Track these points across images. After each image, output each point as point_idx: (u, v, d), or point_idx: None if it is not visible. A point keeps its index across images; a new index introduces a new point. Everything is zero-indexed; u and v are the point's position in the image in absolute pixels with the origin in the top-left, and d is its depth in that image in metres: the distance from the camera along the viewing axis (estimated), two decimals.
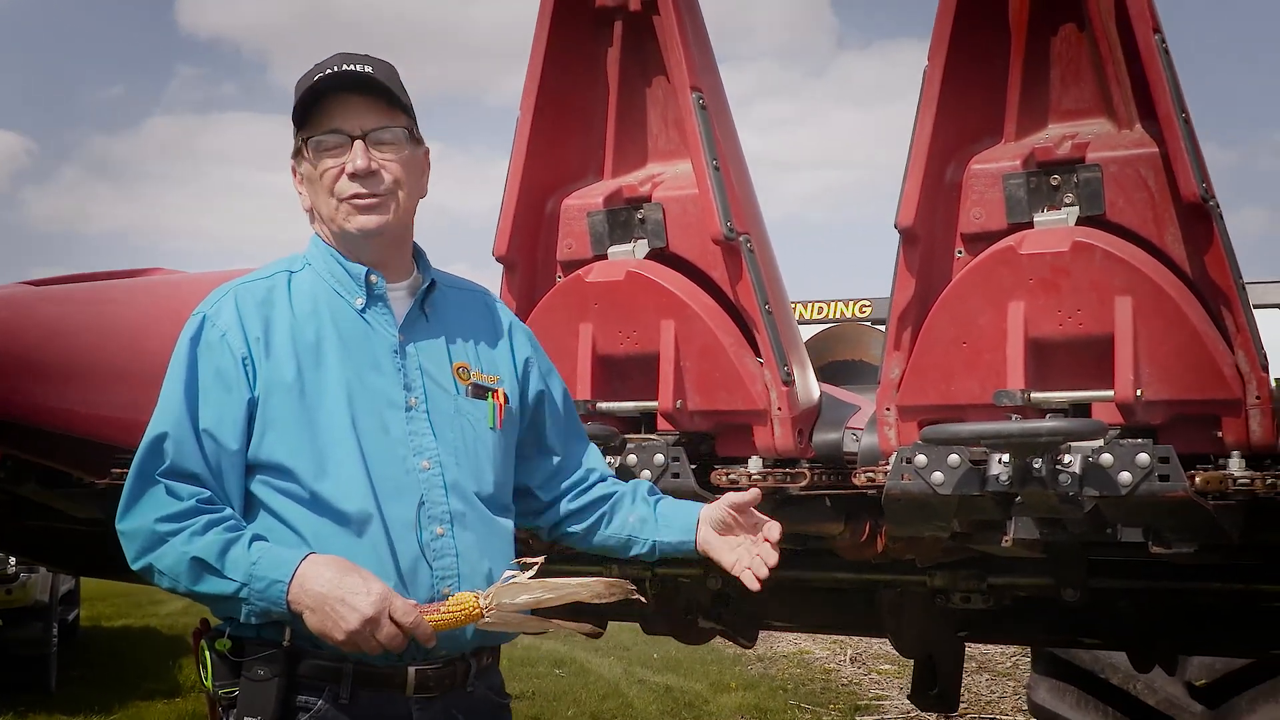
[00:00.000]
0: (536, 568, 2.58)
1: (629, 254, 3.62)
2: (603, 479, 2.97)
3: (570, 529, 2.94)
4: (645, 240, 3.64)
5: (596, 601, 2.60)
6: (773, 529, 2.80)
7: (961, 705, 10.63)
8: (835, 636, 12.53)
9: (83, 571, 6.99)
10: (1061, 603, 3.97)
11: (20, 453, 3.83)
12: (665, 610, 4.69)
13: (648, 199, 3.64)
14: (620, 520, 2.92)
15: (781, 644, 13.48)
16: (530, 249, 3.74)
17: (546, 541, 3.07)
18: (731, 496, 2.87)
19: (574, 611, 4.20)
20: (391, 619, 2.39)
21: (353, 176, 2.56)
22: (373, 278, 2.62)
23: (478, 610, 2.49)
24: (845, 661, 12.58)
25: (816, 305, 9.97)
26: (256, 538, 2.46)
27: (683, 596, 4.63)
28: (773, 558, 2.78)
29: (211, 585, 2.43)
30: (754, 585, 2.76)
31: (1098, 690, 6.07)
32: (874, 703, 10.70)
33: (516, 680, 11.04)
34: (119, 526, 2.51)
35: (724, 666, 12.19)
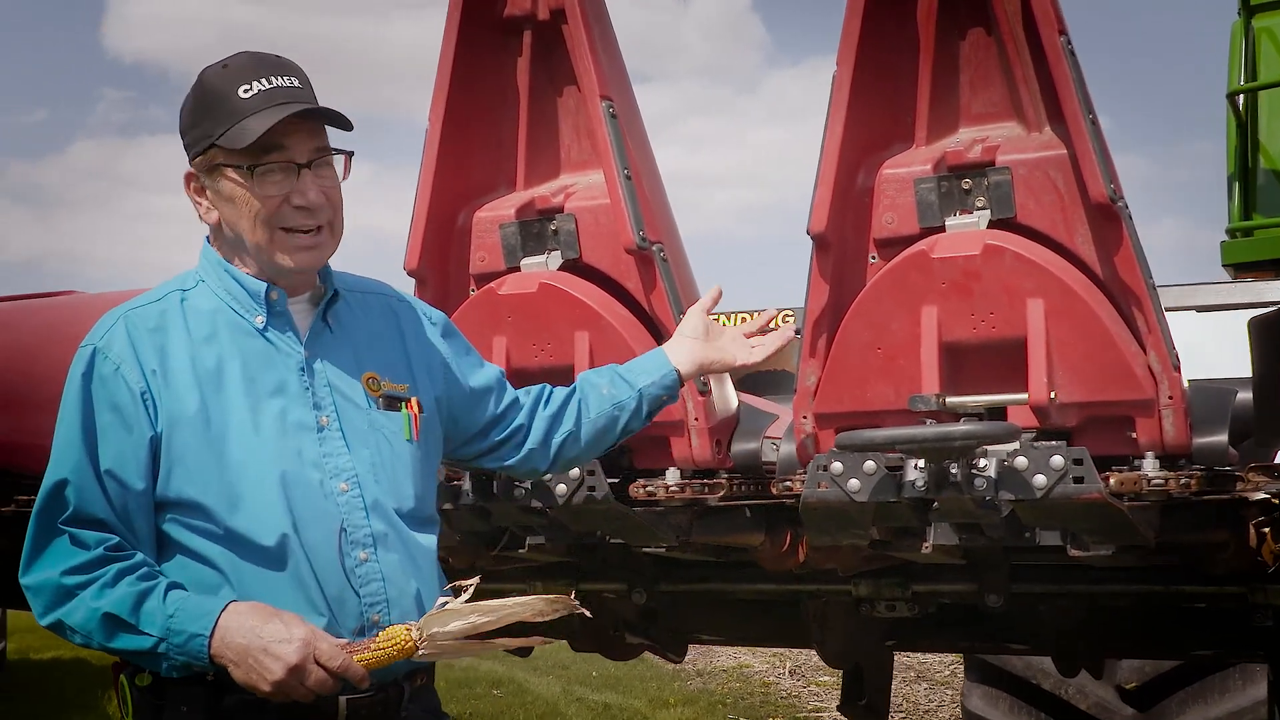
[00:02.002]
0: (471, 590, 2.47)
1: (542, 265, 3.58)
2: (552, 389, 2.91)
3: (561, 436, 2.84)
4: (559, 251, 3.60)
5: (538, 620, 2.49)
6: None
7: (899, 714, 10.65)
8: (775, 650, 12.50)
9: None
10: (986, 609, 3.96)
11: None
12: (591, 627, 4.64)
13: (560, 210, 3.60)
14: (596, 398, 2.86)
15: (721, 658, 13.43)
16: (442, 262, 3.69)
17: (551, 471, 2.94)
18: (701, 302, 3.01)
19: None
20: (318, 663, 2.29)
21: (299, 209, 2.43)
22: (273, 294, 2.48)
23: (410, 644, 2.37)
24: (784, 674, 12.54)
25: (739, 316, 9.95)
26: (172, 586, 2.33)
27: (609, 612, 4.58)
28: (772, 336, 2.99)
29: (127, 641, 2.31)
30: (766, 352, 2.97)
31: (1030, 696, 6.07)
32: (813, 715, 10.68)
33: (454, 702, 10.92)
34: (23, 581, 2.37)
35: (663, 682, 12.12)
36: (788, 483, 3.34)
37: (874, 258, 3.32)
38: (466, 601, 2.42)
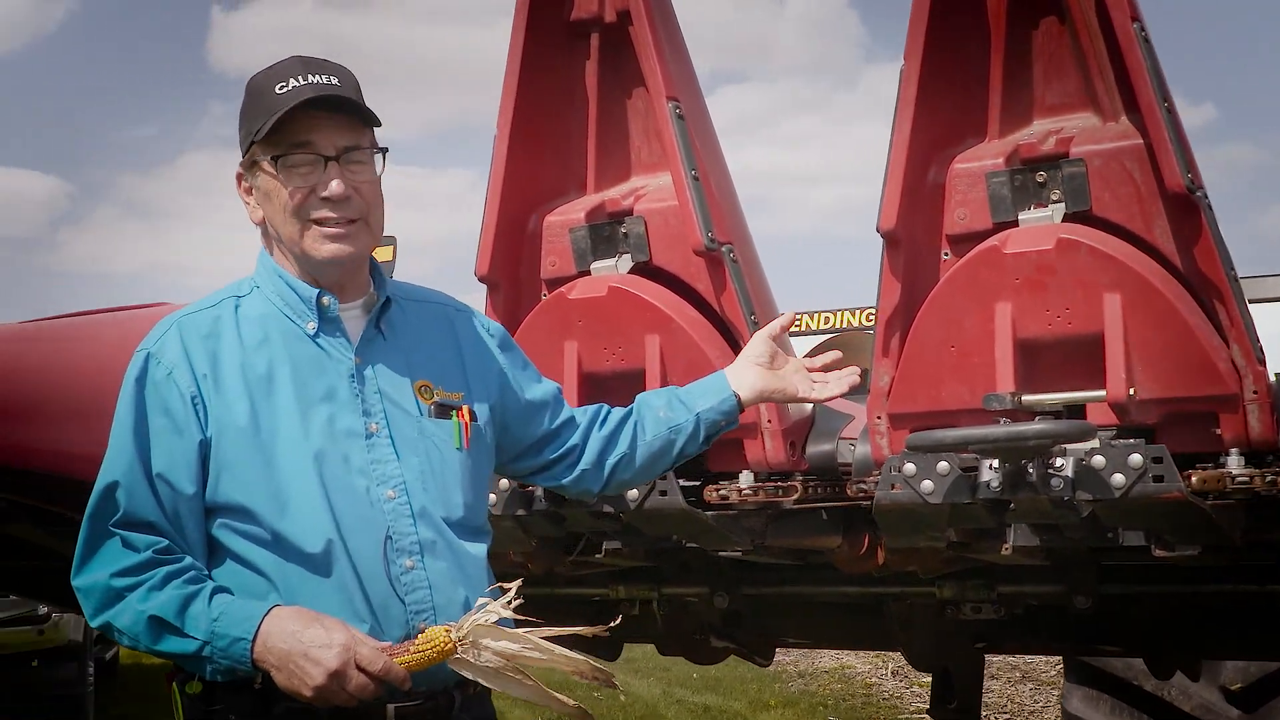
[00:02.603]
0: (513, 591, 2.44)
1: (612, 269, 3.56)
2: (609, 409, 2.86)
3: (615, 458, 2.79)
4: (629, 255, 3.57)
5: (575, 678, 2.42)
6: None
7: (1004, 715, 10.50)
8: (878, 650, 12.37)
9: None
10: (1075, 610, 3.87)
11: (8, 494, 3.80)
12: (675, 631, 4.62)
13: (630, 212, 3.58)
14: (652, 420, 2.81)
15: (823, 659, 13.34)
16: (513, 267, 3.68)
17: (603, 494, 2.89)
18: (769, 327, 2.89)
19: (585, 646, 4.14)
20: (359, 668, 2.29)
21: (325, 200, 2.44)
22: (325, 300, 2.48)
23: (450, 645, 2.35)
24: (887, 675, 12.43)
25: (823, 315, 9.84)
26: (218, 590, 2.34)
27: (692, 616, 4.55)
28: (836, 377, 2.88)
29: (172, 644, 2.32)
30: (829, 394, 2.85)
31: (1131, 697, 5.93)
32: (915, 716, 10.56)
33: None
34: (74, 582, 2.39)
35: (764, 684, 12.07)
36: (863, 485, 3.29)
37: (946, 254, 3.27)
38: (514, 622, 2.37)
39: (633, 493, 3.32)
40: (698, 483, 3.46)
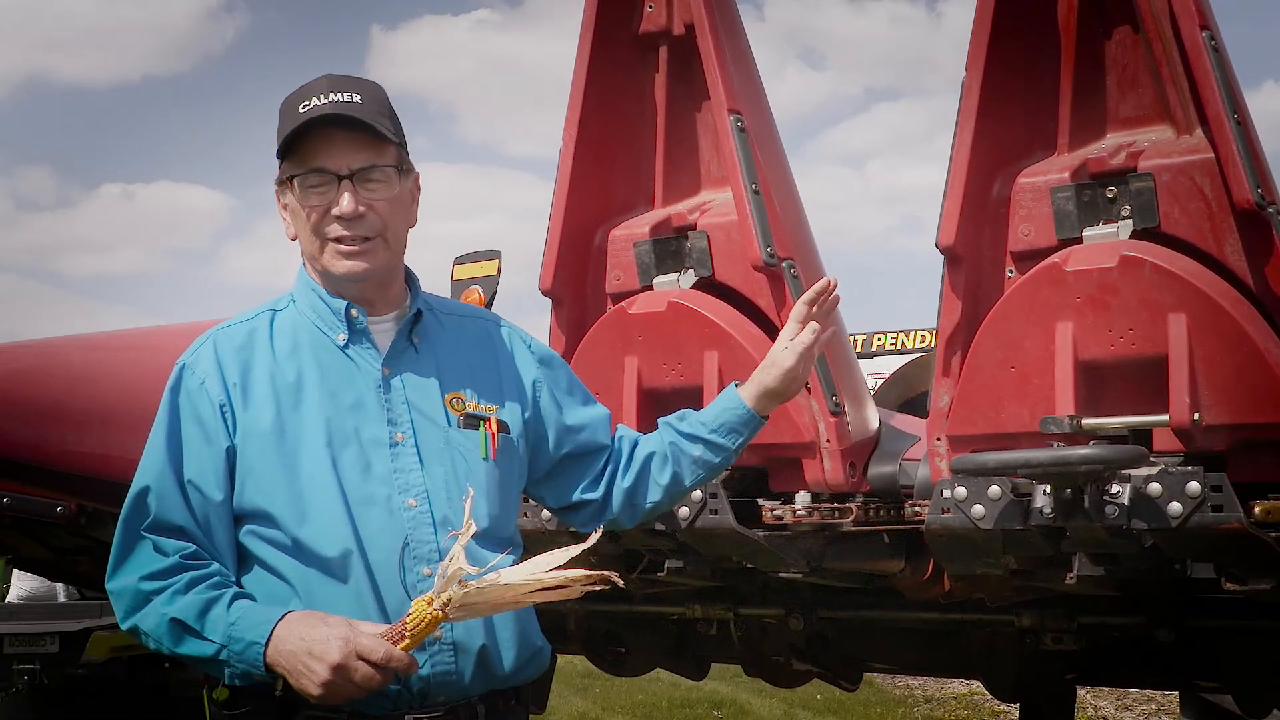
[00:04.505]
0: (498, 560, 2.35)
1: (674, 284, 3.52)
2: (633, 442, 2.77)
3: (645, 501, 2.73)
4: (692, 270, 3.53)
5: (568, 596, 2.28)
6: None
7: None
8: (959, 678, 12.05)
9: None
10: (1161, 643, 3.72)
11: (90, 502, 3.88)
12: (755, 652, 4.55)
13: (694, 227, 3.54)
14: (687, 463, 2.71)
15: (952, 685, 13.03)
16: (579, 282, 3.67)
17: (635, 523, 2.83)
18: (807, 294, 2.67)
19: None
20: (361, 658, 2.30)
21: (339, 218, 2.46)
22: (354, 312, 2.51)
23: (438, 614, 2.31)
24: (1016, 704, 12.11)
25: (919, 334, 9.65)
26: (238, 596, 2.37)
27: (770, 639, 4.47)
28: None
29: (191, 647, 2.35)
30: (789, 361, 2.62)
31: None
32: None
33: None
34: (107, 585, 2.43)
35: (887, 708, 11.84)
36: (918, 508, 3.20)
37: (1011, 271, 3.16)
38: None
39: (684, 511, 3.27)
40: (755, 502, 3.40)
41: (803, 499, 3.34)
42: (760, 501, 3.42)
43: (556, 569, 2.30)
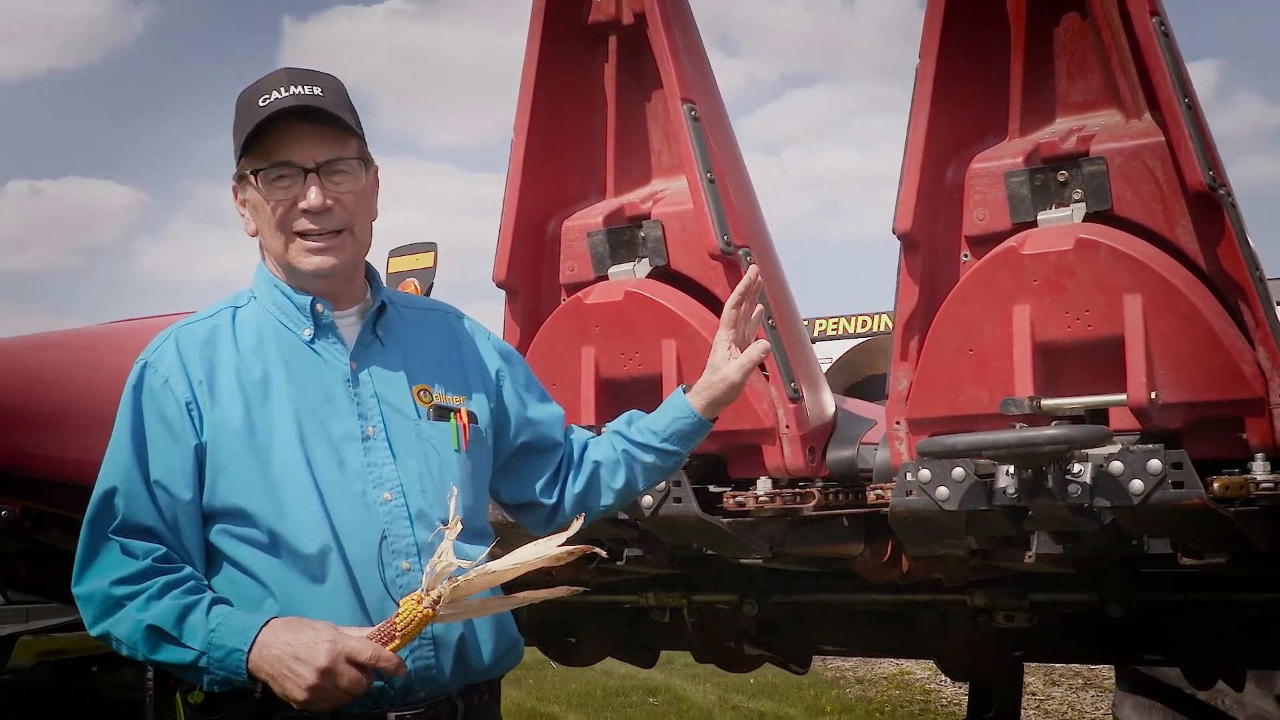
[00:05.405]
0: (484, 556, 2.37)
1: (629, 274, 3.53)
2: (583, 445, 2.79)
3: (597, 504, 2.76)
4: (647, 259, 3.54)
5: (554, 564, 2.32)
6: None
7: None
8: (913, 658, 12.21)
9: None
10: (1112, 619, 3.78)
11: (36, 504, 3.81)
12: (708, 638, 4.57)
13: (647, 216, 3.54)
14: (640, 469, 2.75)
15: (883, 665, 13.18)
16: (533, 273, 3.66)
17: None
18: (732, 297, 2.75)
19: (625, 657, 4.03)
20: (349, 661, 2.28)
21: (306, 212, 2.44)
22: (319, 307, 2.49)
23: (428, 613, 2.31)
24: (946, 681, 12.26)
25: (860, 319, 9.74)
26: (217, 601, 2.34)
27: (724, 624, 4.50)
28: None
29: (170, 654, 2.32)
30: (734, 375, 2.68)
31: (1185, 706, 5.79)
32: None
33: (609, 710, 10.94)
34: (75, 590, 2.39)
35: (821, 690, 11.95)
36: (880, 491, 3.23)
37: (966, 256, 3.20)
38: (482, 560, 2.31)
39: (647, 499, 3.28)
40: (715, 489, 3.42)
41: (764, 485, 3.36)
42: (722, 489, 3.44)
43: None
